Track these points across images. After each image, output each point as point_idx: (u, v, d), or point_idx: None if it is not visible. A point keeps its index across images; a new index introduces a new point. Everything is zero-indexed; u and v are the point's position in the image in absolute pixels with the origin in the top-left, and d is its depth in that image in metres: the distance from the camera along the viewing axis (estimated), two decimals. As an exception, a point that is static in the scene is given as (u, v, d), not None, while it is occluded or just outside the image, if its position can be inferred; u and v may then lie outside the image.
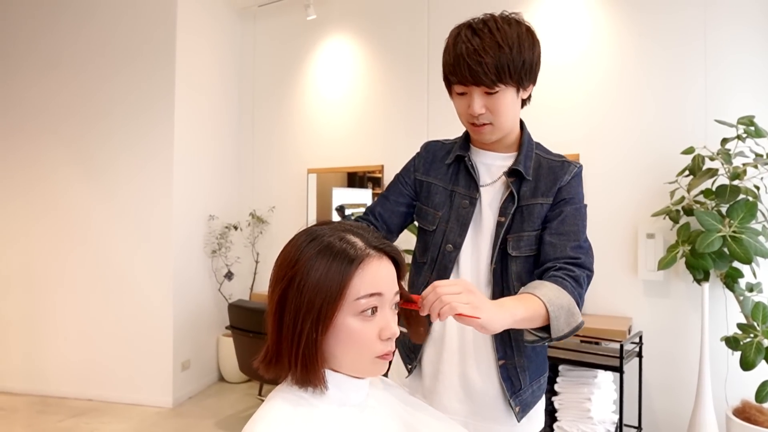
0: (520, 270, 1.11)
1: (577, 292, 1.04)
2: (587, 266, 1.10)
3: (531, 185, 1.13)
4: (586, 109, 2.86)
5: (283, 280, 0.72)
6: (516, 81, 1.05)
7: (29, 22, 3.72)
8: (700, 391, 2.34)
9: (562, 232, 1.10)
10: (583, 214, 1.14)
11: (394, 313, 0.77)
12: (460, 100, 1.11)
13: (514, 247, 1.11)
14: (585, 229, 1.14)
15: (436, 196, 1.21)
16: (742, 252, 2.11)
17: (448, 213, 1.18)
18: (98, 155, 3.57)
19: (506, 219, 1.12)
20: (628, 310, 2.72)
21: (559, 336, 0.99)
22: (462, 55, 1.03)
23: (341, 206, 3.74)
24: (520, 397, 1.13)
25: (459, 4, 3.24)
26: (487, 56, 1.01)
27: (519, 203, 1.12)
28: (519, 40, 1.03)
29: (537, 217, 1.11)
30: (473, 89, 1.05)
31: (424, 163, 1.27)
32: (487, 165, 1.18)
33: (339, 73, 3.77)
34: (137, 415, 3.27)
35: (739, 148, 2.30)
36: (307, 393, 0.73)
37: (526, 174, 1.13)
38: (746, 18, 2.52)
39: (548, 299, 0.97)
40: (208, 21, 3.82)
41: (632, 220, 2.73)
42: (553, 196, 1.12)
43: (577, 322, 1.01)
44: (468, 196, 1.16)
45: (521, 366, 1.13)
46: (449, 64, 1.07)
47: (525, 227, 1.11)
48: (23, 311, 3.66)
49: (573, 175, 1.14)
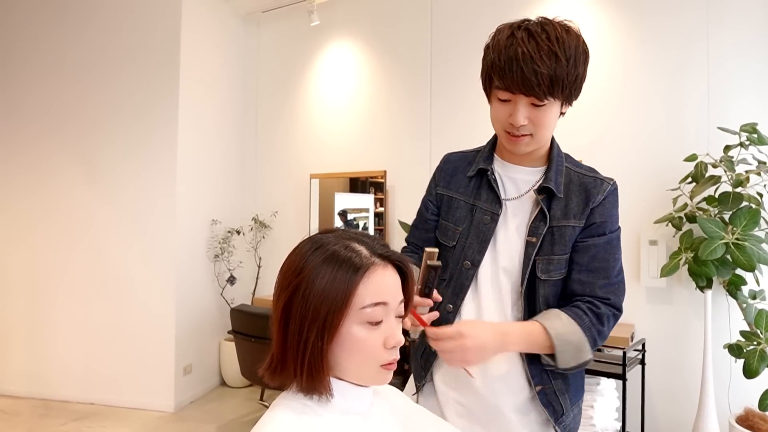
0: (547, 293, 1.06)
1: (595, 329, 1.01)
2: (616, 305, 1.05)
3: (562, 204, 1.07)
4: (589, 115, 2.86)
5: (288, 288, 0.72)
6: (565, 96, 0.99)
7: (32, 24, 3.74)
8: (703, 399, 2.33)
9: (592, 269, 1.04)
10: (614, 245, 1.07)
11: (398, 321, 0.77)
12: (501, 106, 1.01)
13: (543, 270, 1.05)
14: (617, 261, 1.07)
15: (457, 210, 1.15)
16: (745, 259, 2.10)
17: (468, 228, 1.12)
18: (101, 158, 3.58)
19: (537, 240, 1.05)
20: (631, 317, 2.72)
21: (566, 368, 0.99)
22: (516, 59, 0.93)
23: (344, 211, 3.74)
24: (563, 423, 1.07)
25: (462, 11, 3.26)
26: (544, 65, 0.92)
27: (550, 223, 1.06)
28: (575, 53, 0.96)
29: (569, 240, 1.05)
30: (520, 98, 0.97)
31: (445, 176, 1.20)
32: (512, 179, 1.12)
33: (342, 79, 3.78)
34: (139, 419, 3.27)
35: (742, 155, 2.30)
36: (311, 401, 0.73)
37: (557, 191, 1.07)
38: (749, 23, 2.52)
39: (556, 333, 0.97)
40: (213, 26, 3.84)
41: (635, 226, 2.73)
42: (585, 218, 1.06)
43: (585, 359, 1.01)
44: (490, 212, 1.10)
45: (560, 390, 1.07)
46: (498, 67, 0.97)
47: (555, 250, 1.05)
48: (26, 314, 3.67)
49: (606, 195, 1.07)
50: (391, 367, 0.75)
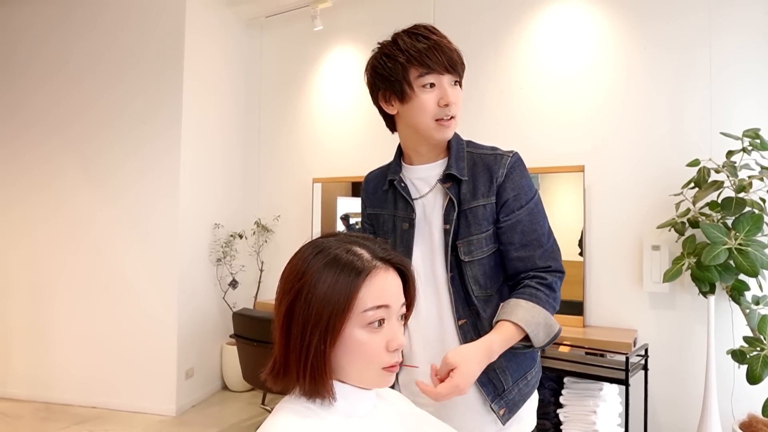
0: (476, 273, 1.12)
1: (552, 298, 1.08)
2: (558, 269, 1.11)
3: (469, 186, 1.12)
4: (592, 121, 2.86)
5: (290, 293, 0.73)
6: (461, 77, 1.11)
7: (35, 27, 3.77)
8: (706, 405, 2.32)
9: (526, 243, 1.10)
10: (536, 211, 1.12)
11: (400, 324, 0.78)
12: (427, 94, 1.08)
13: (465, 252, 1.11)
14: (544, 226, 1.12)
15: (385, 224, 1.23)
16: (748, 265, 2.10)
17: (395, 239, 1.20)
18: (104, 161, 3.60)
19: (451, 226, 1.11)
20: (634, 323, 2.71)
21: (541, 346, 1.06)
22: (432, 46, 1.06)
23: (346, 215, 3.75)
24: (505, 399, 1.12)
25: (464, 17, 3.27)
26: (453, 47, 1.08)
27: (460, 207, 1.12)
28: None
29: (482, 219, 1.11)
30: (444, 79, 1.07)
31: (369, 195, 1.30)
32: (421, 178, 1.18)
33: (344, 84, 3.79)
34: (141, 422, 3.27)
35: (745, 160, 2.30)
36: (314, 404, 0.73)
37: (460, 175, 1.12)
38: (751, 28, 2.52)
39: (525, 322, 1.03)
40: (216, 30, 3.86)
41: (637, 232, 2.72)
42: (495, 195, 1.11)
43: (555, 330, 1.07)
44: (407, 218, 1.17)
45: (500, 367, 1.12)
46: (416, 57, 1.06)
47: (472, 231, 1.11)
48: (28, 317, 3.68)
49: (509, 167, 1.12)
50: (393, 369, 0.75)
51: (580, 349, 2.52)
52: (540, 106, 2.99)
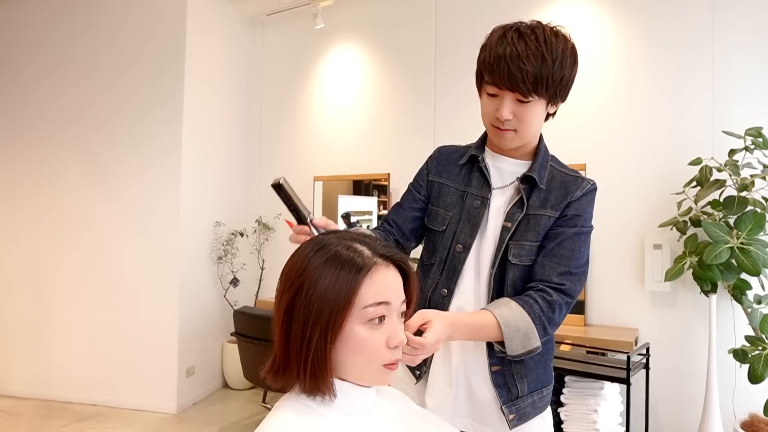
0: (516, 278, 1.12)
1: (545, 317, 1.06)
2: (569, 293, 1.09)
3: (542, 195, 1.13)
4: (594, 120, 2.86)
5: (290, 290, 0.72)
6: (550, 95, 1.05)
7: (36, 23, 3.76)
8: (708, 404, 2.32)
9: (555, 255, 1.10)
10: (583, 239, 1.12)
11: (401, 321, 0.78)
12: (489, 100, 1.09)
13: (515, 255, 1.11)
14: (583, 255, 1.11)
15: (448, 196, 1.21)
16: (750, 264, 2.09)
17: (459, 213, 1.18)
18: (104, 158, 3.59)
19: (512, 225, 1.12)
20: (635, 321, 2.71)
21: (514, 355, 1.04)
22: (504, 57, 1.01)
23: (347, 213, 3.74)
24: (516, 405, 1.13)
25: (467, 14, 3.26)
26: (530, 64, 0.99)
27: (527, 211, 1.12)
28: (563, 55, 1.03)
29: (543, 228, 1.11)
30: (506, 94, 1.04)
31: (437, 164, 1.27)
32: (499, 169, 1.18)
33: (346, 82, 3.79)
34: (141, 420, 3.27)
35: (747, 159, 2.29)
36: (314, 402, 0.73)
37: (539, 182, 1.13)
38: (754, 26, 2.51)
39: (505, 321, 1.02)
40: (217, 28, 3.86)
41: (639, 230, 2.72)
42: (561, 210, 1.11)
43: (533, 346, 1.05)
44: (480, 197, 1.17)
45: (519, 374, 1.13)
46: (488, 63, 1.05)
47: (529, 236, 1.11)
48: (29, 315, 3.68)
49: (585, 192, 1.13)
50: (393, 367, 0.75)
51: (582, 347, 2.52)
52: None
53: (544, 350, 1.14)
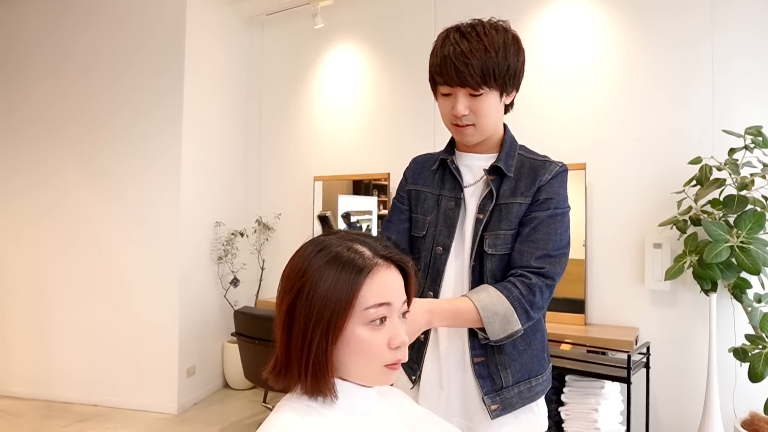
0: (494, 268, 1.13)
1: (526, 300, 1.06)
2: (548, 275, 1.09)
3: (511, 184, 1.15)
4: (594, 119, 2.86)
5: (291, 291, 0.73)
6: (500, 85, 1.09)
7: (35, 22, 3.76)
8: (708, 403, 2.32)
9: (532, 240, 1.11)
10: (559, 220, 1.13)
11: (402, 321, 0.78)
12: (443, 101, 1.13)
13: (490, 245, 1.13)
14: (561, 236, 1.12)
15: (425, 202, 1.25)
16: (750, 262, 2.09)
17: (436, 217, 1.21)
18: (104, 157, 3.59)
19: (484, 216, 1.14)
20: (635, 320, 2.71)
21: (497, 339, 1.06)
22: (449, 56, 1.06)
23: (347, 213, 3.74)
24: (501, 396, 1.12)
25: (466, 14, 3.24)
26: (474, 59, 1.05)
27: (498, 201, 1.14)
28: (505, 46, 1.08)
29: (515, 216, 1.13)
30: (458, 90, 1.08)
31: (413, 173, 1.32)
32: (469, 166, 1.22)
33: (345, 82, 3.79)
34: (142, 421, 3.27)
35: (747, 158, 2.29)
36: (315, 402, 0.73)
37: (506, 171, 1.15)
38: (754, 24, 2.51)
39: (483, 306, 1.04)
40: (217, 28, 3.86)
41: (639, 229, 2.72)
42: (532, 196, 1.13)
43: (514, 329, 1.06)
44: (453, 198, 1.19)
45: (502, 364, 1.13)
46: (436, 65, 1.11)
47: (502, 226, 1.13)
48: (29, 315, 3.68)
49: (554, 175, 1.15)
50: (395, 367, 0.75)
51: (582, 347, 2.52)
52: (541, 103, 2.98)
53: (532, 339, 1.15)
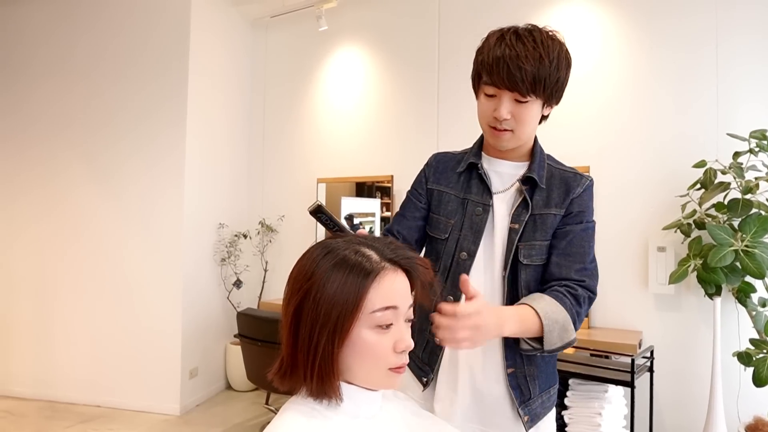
0: (529, 278, 1.13)
1: (575, 310, 1.07)
2: (590, 288, 1.11)
3: (544, 194, 1.15)
4: (598, 122, 2.85)
5: (298, 293, 0.73)
6: (546, 96, 1.08)
7: (39, 22, 3.78)
8: (712, 407, 2.31)
9: (569, 253, 1.12)
10: (590, 234, 1.15)
11: (408, 325, 0.78)
12: (486, 101, 1.10)
13: (525, 255, 1.12)
14: (592, 249, 1.14)
15: (449, 204, 1.22)
16: (755, 266, 2.09)
17: (461, 221, 1.19)
18: (107, 158, 3.60)
19: (519, 226, 1.13)
20: (639, 324, 2.70)
21: (551, 349, 1.04)
22: (503, 57, 1.03)
23: (350, 215, 3.74)
24: (529, 407, 1.14)
25: (470, 17, 3.27)
26: (528, 64, 1.02)
27: (532, 211, 1.13)
28: (559, 58, 1.06)
29: (549, 227, 1.13)
30: (504, 93, 1.06)
31: (435, 172, 1.28)
32: (498, 173, 1.19)
33: (349, 84, 3.80)
34: (145, 422, 3.28)
35: (752, 161, 2.29)
36: (320, 405, 0.74)
37: (540, 182, 1.14)
38: (758, 28, 2.51)
39: (544, 313, 1.02)
40: (221, 30, 3.87)
41: (643, 233, 2.71)
42: (566, 208, 1.14)
43: (570, 338, 1.05)
44: (481, 204, 1.17)
45: (531, 375, 1.14)
46: (487, 64, 1.07)
47: (537, 236, 1.13)
48: (32, 316, 3.69)
49: (585, 188, 1.16)
50: (400, 370, 0.75)
51: (586, 350, 2.51)
52: (545, 106, 2.97)
53: None
